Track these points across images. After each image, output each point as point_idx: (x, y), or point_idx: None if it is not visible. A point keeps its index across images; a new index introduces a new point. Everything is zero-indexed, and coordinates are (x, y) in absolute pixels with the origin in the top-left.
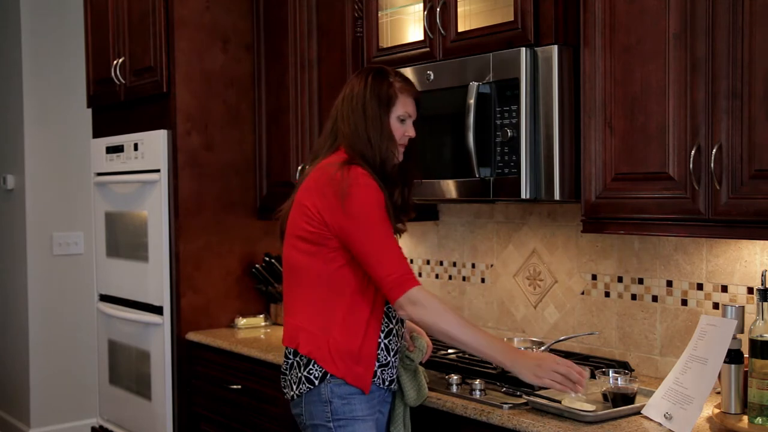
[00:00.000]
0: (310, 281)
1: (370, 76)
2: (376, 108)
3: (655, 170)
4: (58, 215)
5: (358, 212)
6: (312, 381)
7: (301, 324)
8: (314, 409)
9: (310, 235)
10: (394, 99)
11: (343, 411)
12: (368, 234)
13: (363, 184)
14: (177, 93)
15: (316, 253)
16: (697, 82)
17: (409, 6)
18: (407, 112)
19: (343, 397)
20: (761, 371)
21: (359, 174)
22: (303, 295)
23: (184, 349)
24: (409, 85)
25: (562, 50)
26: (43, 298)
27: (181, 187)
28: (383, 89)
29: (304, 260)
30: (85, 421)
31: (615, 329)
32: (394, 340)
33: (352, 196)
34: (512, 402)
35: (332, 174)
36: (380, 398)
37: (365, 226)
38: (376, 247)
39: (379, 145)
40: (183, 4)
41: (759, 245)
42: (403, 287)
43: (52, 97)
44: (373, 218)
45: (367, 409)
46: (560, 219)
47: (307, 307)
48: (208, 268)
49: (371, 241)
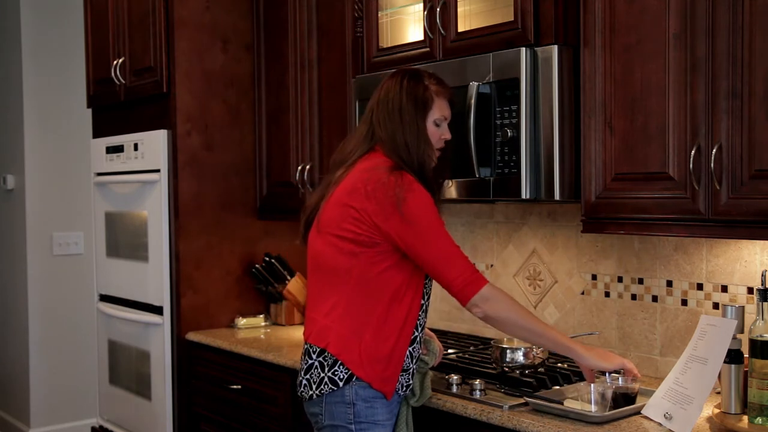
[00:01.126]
0: (349, 282)
1: (405, 78)
2: (413, 113)
3: (655, 170)
4: (58, 215)
5: (418, 217)
6: (336, 383)
7: (332, 324)
8: (336, 410)
9: (356, 237)
10: (431, 103)
11: (366, 414)
12: (431, 238)
13: (416, 189)
14: (177, 93)
15: (360, 254)
16: (697, 82)
17: (409, 6)
18: (443, 115)
19: (367, 400)
20: (761, 371)
21: (411, 180)
22: (338, 295)
23: (184, 349)
24: (444, 87)
25: (562, 50)
26: (43, 298)
27: (181, 187)
28: (419, 93)
29: (345, 260)
30: (85, 421)
31: (615, 329)
32: (417, 348)
33: (407, 201)
34: (512, 402)
35: (383, 179)
36: (397, 403)
37: (427, 231)
38: (441, 250)
39: (417, 150)
40: (183, 4)
41: (759, 245)
42: (476, 286)
43: (52, 97)
44: (433, 222)
45: (386, 414)
46: (560, 219)
47: (341, 308)
48: (208, 268)
49: (436, 245)
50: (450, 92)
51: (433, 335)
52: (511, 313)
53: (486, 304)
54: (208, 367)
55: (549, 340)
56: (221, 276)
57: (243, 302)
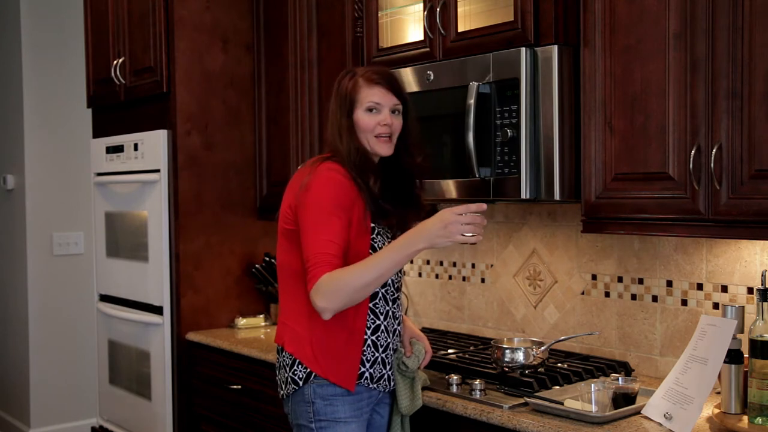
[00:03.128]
0: (293, 279)
1: (339, 79)
2: (337, 112)
3: (655, 170)
4: (58, 215)
5: (307, 199)
6: (297, 382)
7: (286, 321)
8: (298, 409)
9: (288, 233)
10: (356, 94)
11: (325, 412)
12: (309, 223)
13: (325, 176)
14: (177, 93)
15: (292, 250)
16: (697, 82)
17: (409, 6)
18: (373, 101)
19: (325, 398)
20: (761, 371)
21: (324, 168)
22: (289, 292)
23: (184, 349)
24: (376, 74)
25: (562, 50)
26: (43, 299)
27: (181, 187)
28: (344, 90)
29: (286, 258)
30: (85, 421)
31: (615, 329)
32: (383, 336)
33: (310, 187)
34: (512, 402)
35: (304, 169)
36: (370, 399)
37: (308, 215)
38: (309, 239)
39: (344, 143)
40: (183, 4)
41: (759, 245)
42: (313, 279)
43: (53, 97)
44: (319, 207)
45: (350, 411)
46: (560, 219)
47: (291, 305)
48: (208, 268)
49: (308, 231)
50: (384, 79)
51: (422, 336)
52: (339, 290)
53: (320, 299)
54: (208, 367)
55: (388, 272)
56: (221, 276)
57: (243, 302)
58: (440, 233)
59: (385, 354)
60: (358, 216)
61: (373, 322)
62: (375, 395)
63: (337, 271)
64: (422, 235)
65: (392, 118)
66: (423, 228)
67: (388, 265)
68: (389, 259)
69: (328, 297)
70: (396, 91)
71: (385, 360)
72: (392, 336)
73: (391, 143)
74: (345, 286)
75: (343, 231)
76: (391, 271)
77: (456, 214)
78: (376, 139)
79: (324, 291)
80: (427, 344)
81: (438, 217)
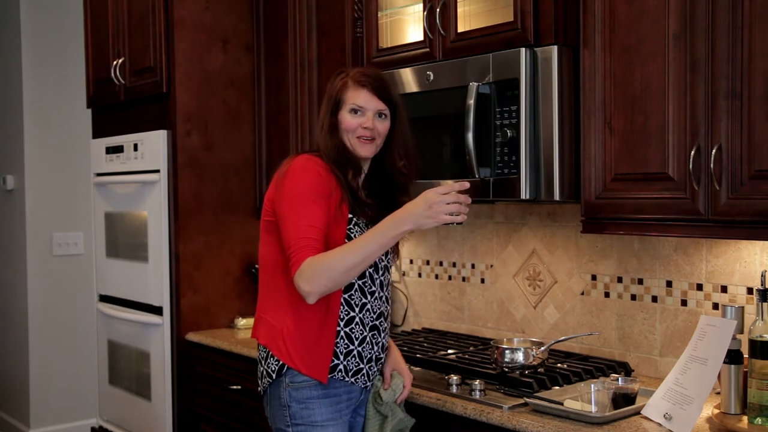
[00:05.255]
0: (269, 271)
1: (333, 77)
2: (325, 111)
3: (654, 171)
4: (58, 215)
5: (284, 187)
6: (270, 375)
7: (262, 315)
8: (276, 413)
9: (266, 225)
10: (341, 95)
11: (302, 416)
12: (286, 211)
13: (300, 166)
14: (177, 93)
15: (271, 242)
16: (697, 83)
17: (409, 6)
18: (356, 103)
19: (300, 401)
20: (761, 371)
21: (302, 158)
22: (265, 287)
23: (183, 350)
24: (362, 77)
25: (562, 50)
26: (43, 299)
27: (181, 188)
28: (332, 90)
29: (263, 251)
30: (85, 421)
31: (615, 329)
32: (357, 329)
33: (286, 177)
34: (512, 402)
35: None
36: (350, 401)
37: (285, 203)
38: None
39: (326, 142)
40: (183, 5)
41: (759, 245)
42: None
43: (52, 98)
44: (296, 196)
45: (327, 414)
46: (560, 219)
47: (266, 298)
48: (208, 268)
49: (287, 219)
50: (372, 82)
51: (406, 371)
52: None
53: (304, 282)
54: (207, 368)
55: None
56: (221, 276)
57: (243, 302)
58: (425, 213)
59: (362, 347)
60: (335, 204)
61: (347, 314)
62: (355, 395)
63: (320, 255)
64: (407, 216)
65: (376, 122)
66: (407, 209)
67: (373, 247)
68: (374, 241)
69: (312, 280)
70: (382, 95)
71: (362, 353)
72: (369, 330)
73: (374, 145)
74: (329, 268)
75: (324, 216)
76: (375, 254)
77: (440, 194)
78: (357, 140)
79: (308, 274)
80: (408, 380)
81: (422, 197)
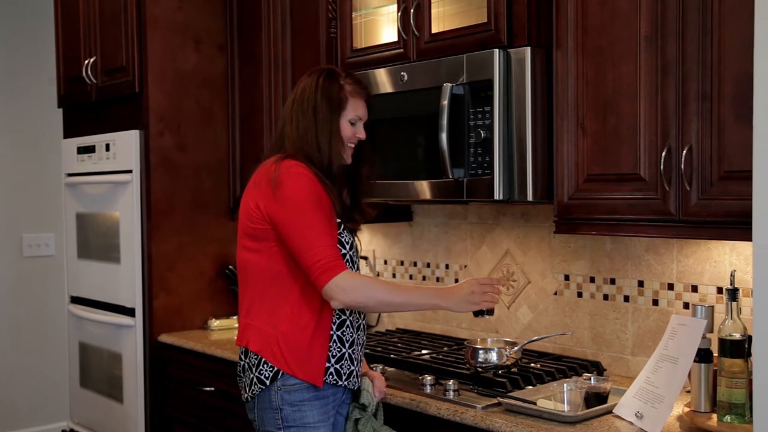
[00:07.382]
0: (259, 277)
1: (321, 77)
2: (327, 112)
3: (626, 171)
4: (28, 216)
5: (287, 199)
6: (263, 382)
7: (251, 321)
8: (266, 416)
9: (255, 232)
10: (345, 102)
11: (294, 418)
12: (297, 221)
13: (295, 172)
14: (149, 93)
15: (261, 249)
16: (668, 84)
17: (383, 7)
18: (358, 115)
19: (293, 404)
20: (730, 370)
21: (292, 164)
22: (252, 293)
23: (156, 351)
24: (361, 88)
25: (535, 52)
26: (13, 300)
27: (154, 188)
28: (334, 92)
29: (251, 258)
30: (56, 424)
31: (587, 329)
32: (348, 332)
33: (283, 183)
34: (485, 402)
35: (268, 168)
36: (336, 401)
37: (293, 213)
38: (304, 235)
39: (329, 149)
40: (155, 4)
41: (728, 246)
42: (331, 274)
43: (22, 97)
44: (302, 206)
45: (318, 416)
46: (533, 220)
47: (256, 305)
48: (181, 269)
49: (300, 229)
50: (366, 93)
51: (376, 375)
52: (369, 299)
53: (341, 293)
54: (180, 369)
55: (415, 307)
56: (194, 277)
57: (216, 304)
58: (467, 299)
59: (352, 350)
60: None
61: (338, 317)
62: (339, 396)
63: (363, 275)
64: (450, 296)
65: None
66: (453, 291)
67: (413, 303)
68: (415, 299)
69: (350, 291)
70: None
71: (352, 356)
72: (357, 332)
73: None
74: (371, 290)
75: (334, 224)
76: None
77: (482, 284)
78: (347, 149)
79: (346, 286)
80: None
81: (467, 284)
